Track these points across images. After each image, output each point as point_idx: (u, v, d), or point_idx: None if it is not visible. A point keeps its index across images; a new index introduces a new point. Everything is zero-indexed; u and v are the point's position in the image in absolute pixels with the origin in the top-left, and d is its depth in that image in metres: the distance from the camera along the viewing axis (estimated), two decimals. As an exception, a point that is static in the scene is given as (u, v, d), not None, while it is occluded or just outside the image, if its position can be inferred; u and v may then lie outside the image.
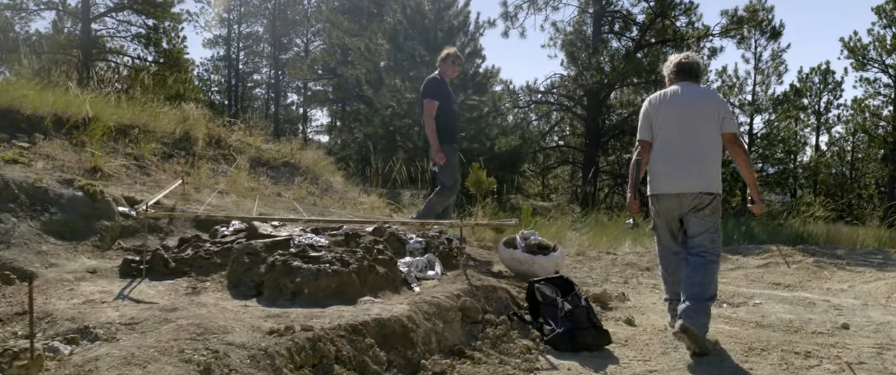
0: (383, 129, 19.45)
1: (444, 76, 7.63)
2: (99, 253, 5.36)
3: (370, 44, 20.62)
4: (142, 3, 26.48)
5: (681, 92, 4.64)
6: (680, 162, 4.51)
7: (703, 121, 4.54)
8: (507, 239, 5.91)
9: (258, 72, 54.34)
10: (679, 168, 4.51)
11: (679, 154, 4.52)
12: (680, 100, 4.60)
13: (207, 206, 7.12)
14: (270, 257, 4.59)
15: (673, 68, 4.82)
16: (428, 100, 7.26)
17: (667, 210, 4.65)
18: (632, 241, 11.60)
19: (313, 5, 48.70)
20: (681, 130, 4.53)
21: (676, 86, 4.71)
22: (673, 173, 4.53)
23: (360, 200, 10.41)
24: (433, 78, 7.53)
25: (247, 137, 10.68)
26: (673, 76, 4.81)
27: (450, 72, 7.70)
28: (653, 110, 4.66)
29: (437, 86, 7.44)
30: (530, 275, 5.54)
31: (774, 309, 5.72)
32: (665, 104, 4.63)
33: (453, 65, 7.67)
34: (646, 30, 25.66)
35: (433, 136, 7.16)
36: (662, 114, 4.60)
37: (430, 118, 7.20)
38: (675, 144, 4.54)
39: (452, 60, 7.63)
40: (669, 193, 4.56)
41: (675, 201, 4.56)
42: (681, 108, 4.57)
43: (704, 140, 4.53)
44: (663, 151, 4.59)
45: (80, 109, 8.85)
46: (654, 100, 4.71)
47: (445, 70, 7.63)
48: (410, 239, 5.98)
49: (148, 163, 8.56)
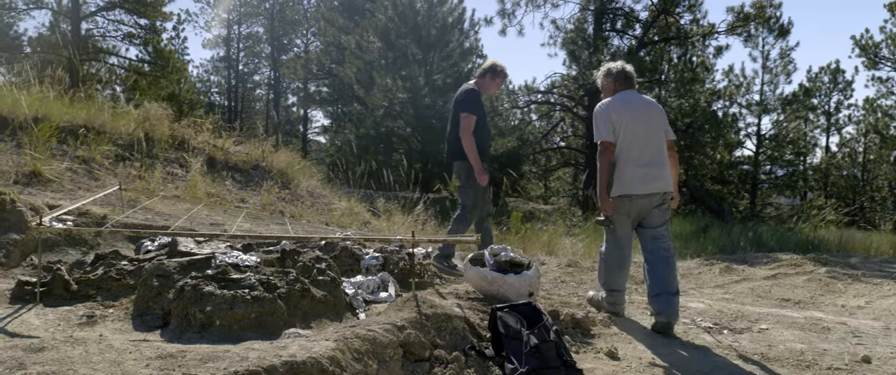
0: (375, 130, 18.75)
1: (484, 90, 6.56)
2: (0, 272, 4.65)
3: (361, 41, 19.93)
4: (132, 3, 25.83)
5: (635, 100, 5.03)
6: (650, 165, 4.90)
7: (658, 127, 5.01)
8: (473, 256, 5.17)
9: (258, 73, 53.73)
10: (650, 170, 4.89)
11: (647, 157, 4.89)
12: (639, 108, 4.98)
13: (152, 216, 6.41)
14: (182, 280, 3.87)
15: (616, 75, 5.11)
16: (466, 114, 6.23)
17: (638, 208, 4.97)
18: (630, 250, 10.87)
19: (312, 5, 48.03)
20: (645, 135, 4.91)
21: (626, 93, 5.06)
22: (646, 175, 4.88)
23: (334, 206, 9.68)
24: (472, 89, 6.44)
25: (214, 139, 9.97)
26: (617, 84, 5.09)
27: (491, 88, 6.64)
28: (615, 115, 4.89)
29: (477, 99, 6.39)
30: (499, 297, 4.79)
31: (783, 337, 4.96)
32: (626, 110, 4.91)
33: (494, 81, 6.56)
34: (649, 27, 24.85)
35: (474, 155, 6.21)
36: (626, 120, 4.88)
37: (469, 134, 6.18)
38: (642, 148, 4.89)
39: (493, 75, 6.53)
40: (643, 193, 4.90)
41: (647, 200, 4.93)
42: (641, 115, 4.94)
43: (661, 145, 5.01)
44: (632, 155, 4.89)
45: (27, 109, 8.18)
46: (615, 106, 4.95)
47: (486, 84, 6.56)
48: (366, 255, 5.25)
49: (97, 166, 7.86)
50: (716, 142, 24.88)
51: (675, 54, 25.00)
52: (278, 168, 10.06)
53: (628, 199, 4.94)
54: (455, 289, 5.18)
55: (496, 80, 6.59)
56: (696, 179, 24.86)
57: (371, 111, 19.81)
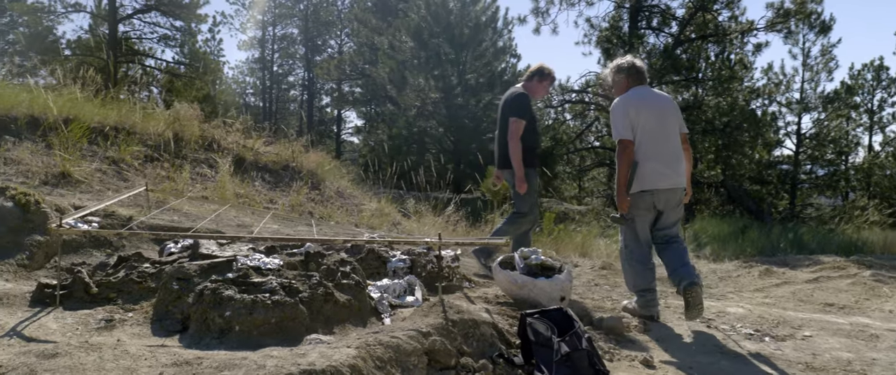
0: (407, 130, 18.65)
1: (532, 94, 6.42)
2: (24, 274, 4.59)
3: (393, 41, 19.83)
4: (168, 5, 26.07)
5: (650, 95, 5.01)
6: (671, 160, 4.92)
7: (673, 122, 5.02)
8: (503, 258, 5.00)
9: (293, 74, 53.98)
10: (672, 165, 4.92)
11: (668, 152, 4.91)
12: (655, 103, 4.97)
13: (179, 217, 6.35)
14: (202, 284, 3.77)
15: (628, 70, 5.08)
16: (515, 118, 6.09)
17: (663, 202, 4.96)
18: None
19: (346, 6, 48.13)
20: (663, 130, 4.91)
21: (640, 89, 5.04)
22: (669, 170, 4.90)
23: (364, 206, 9.57)
24: (522, 93, 6.30)
25: (244, 139, 9.92)
26: (629, 79, 5.07)
27: (539, 92, 6.51)
28: (633, 111, 4.85)
29: (526, 103, 6.25)
30: (530, 302, 4.64)
31: (828, 344, 4.72)
32: (644, 106, 4.89)
33: (542, 84, 6.41)
34: (685, 25, 24.38)
35: (519, 162, 6.05)
36: (644, 116, 4.85)
37: (517, 139, 6.05)
38: (661, 143, 4.89)
39: (541, 78, 6.38)
40: (665, 188, 4.90)
41: (669, 195, 4.95)
42: (657, 110, 4.93)
43: (678, 139, 5.04)
44: (652, 150, 4.86)
45: (58, 110, 8.20)
46: (632, 102, 4.91)
47: (534, 88, 6.41)
48: (393, 258, 5.11)
49: (127, 167, 7.85)
50: (754, 142, 24.36)
51: (713, 52, 24.52)
52: (308, 168, 9.98)
53: (650, 195, 4.93)
54: (484, 293, 5.04)
55: (544, 83, 6.41)
56: (734, 179, 24.37)
57: (403, 111, 19.72)
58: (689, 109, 23.51)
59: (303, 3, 49.81)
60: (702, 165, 25.68)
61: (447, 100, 18.98)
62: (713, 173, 25.07)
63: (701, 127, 23.22)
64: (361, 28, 29.48)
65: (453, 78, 19.28)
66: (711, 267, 9.41)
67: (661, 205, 4.98)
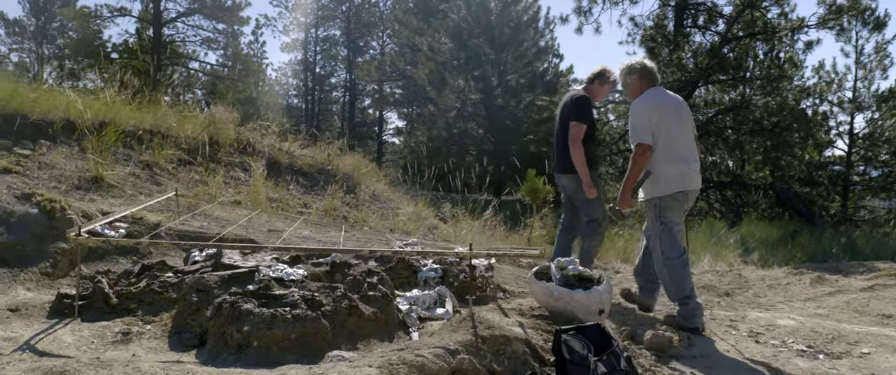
0: (447, 132, 18.46)
1: (593, 97, 6.10)
2: (47, 283, 4.51)
3: (433, 43, 19.65)
4: (211, 8, 26.30)
5: (667, 97, 4.97)
6: (693, 160, 4.94)
7: (690, 123, 5.03)
8: (539, 269, 4.77)
9: (335, 76, 54.20)
10: (695, 166, 4.95)
11: (691, 153, 4.92)
12: (673, 104, 4.94)
13: (208, 223, 6.25)
14: (221, 296, 3.61)
15: (640, 72, 5.00)
16: (576, 122, 5.82)
17: (689, 203, 4.97)
18: (712, 257, 10.24)
19: (388, 7, 48.18)
20: (683, 132, 4.89)
21: (655, 90, 4.97)
22: (693, 171, 4.91)
23: (401, 210, 9.40)
24: (583, 96, 6.00)
25: (280, 142, 9.83)
26: (643, 82, 4.98)
27: (600, 95, 6.21)
28: (655, 115, 4.79)
29: (588, 106, 5.97)
30: (566, 315, 4.39)
31: (889, 363, 4.40)
32: (664, 108, 4.85)
33: (603, 87, 6.09)
34: (733, 23, 23.75)
35: (584, 167, 5.78)
36: (666, 118, 4.81)
37: (578, 143, 5.78)
38: (684, 144, 4.88)
39: (602, 81, 6.05)
40: (695, 188, 4.95)
41: (694, 195, 5.00)
42: (676, 111, 4.91)
43: (693, 141, 5.05)
44: (679, 151, 4.84)
45: (94, 114, 8.19)
46: (653, 105, 4.86)
47: (595, 91, 6.10)
48: (424, 267, 4.92)
49: (160, 171, 7.79)
50: (805, 142, 23.62)
51: (761, 50, 23.81)
52: (344, 172, 9.85)
53: (683, 196, 4.90)
54: (519, 305, 4.81)
55: (604, 87, 6.10)
56: (783, 181, 23.64)
57: (443, 112, 19.54)
58: (737, 109, 22.92)
59: (345, 4, 49.97)
60: (749, 166, 25.03)
61: (487, 102, 18.73)
62: (761, 175, 24.39)
63: (748, 127, 22.61)
64: (402, 29, 29.38)
65: (493, 78, 19.04)
66: (760, 274, 9.02)
67: (687, 206, 5.00)
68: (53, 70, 29.34)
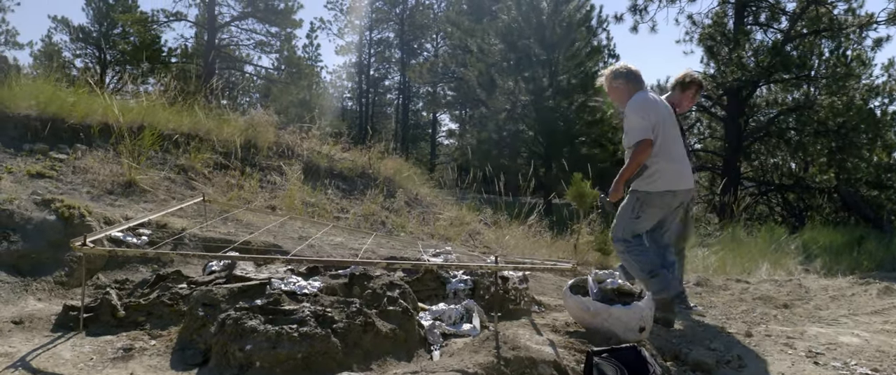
0: (497, 134, 18.14)
1: (678, 106, 5.61)
2: (60, 292, 4.35)
3: (482, 44, 19.33)
4: (264, 11, 26.50)
5: (657, 99, 5.01)
6: (685, 162, 5.07)
7: (677, 125, 5.15)
8: (575, 281, 4.43)
9: (389, 78, 54.36)
10: (688, 167, 5.09)
11: (682, 154, 5.05)
12: (664, 107, 5.02)
13: (235, 229, 6.07)
14: (227, 311, 3.38)
15: (627, 76, 5.01)
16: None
17: (679, 201, 5.05)
18: (771, 265, 9.68)
19: (442, 9, 48.04)
20: (675, 133, 5.00)
21: (644, 93, 4.96)
22: (687, 171, 5.04)
23: (443, 215, 9.12)
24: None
25: (320, 145, 9.65)
26: (630, 85, 4.99)
27: (685, 104, 5.77)
28: (653, 113, 4.82)
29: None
30: (603, 332, 4.05)
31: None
32: (660, 108, 4.91)
33: (686, 94, 5.68)
34: (796, 19, 22.84)
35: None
36: (663, 118, 4.86)
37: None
38: (677, 145, 4.99)
39: (686, 88, 5.67)
40: (687, 188, 5.02)
41: (687, 195, 5.11)
42: (668, 113, 4.99)
43: (683, 143, 5.19)
44: (672, 151, 4.91)
45: (133, 117, 8.12)
46: (650, 104, 4.89)
47: (680, 99, 5.68)
48: (453, 278, 4.62)
49: (196, 175, 7.66)
50: (873, 143, 22.57)
51: (827, 48, 22.84)
52: (386, 175, 9.62)
53: (672, 195, 4.97)
54: (554, 320, 4.47)
55: (688, 93, 5.68)
56: (849, 184, 22.63)
57: (493, 114, 19.21)
58: (800, 109, 22.04)
59: (399, 7, 50.03)
60: (813, 169, 24.07)
61: (538, 103, 18.31)
62: (826, 177, 23.39)
63: (813, 128, 21.73)
64: (454, 30, 29.14)
65: (544, 79, 18.64)
66: (822, 284, 8.46)
67: (677, 204, 5.08)
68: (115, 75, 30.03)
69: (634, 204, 4.97)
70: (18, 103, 7.69)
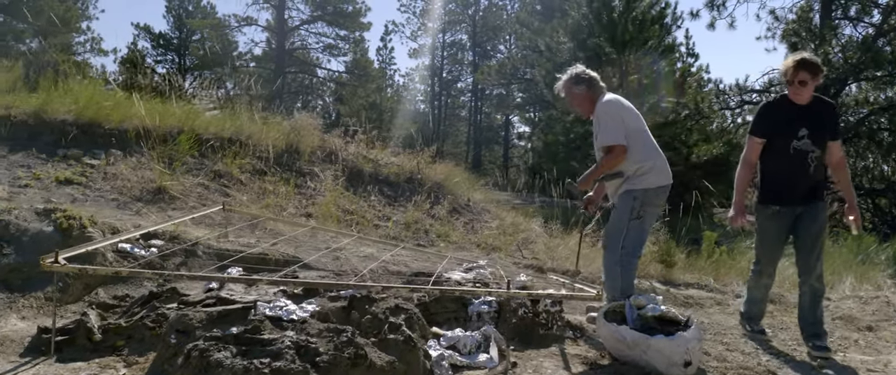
0: (565, 136, 17.50)
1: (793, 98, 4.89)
2: (48, 311, 4.04)
3: (551, 42, 18.70)
4: (333, 15, 26.54)
5: (623, 100, 4.90)
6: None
7: None
8: (611, 307, 3.87)
9: (461, 80, 54.01)
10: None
11: (660, 151, 4.90)
12: (632, 108, 4.88)
13: (255, 239, 5.72)
14: (198, 340, 2.98)
15: (589, 80, 4.89)
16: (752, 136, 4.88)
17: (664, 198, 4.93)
18: (856, 279, 8.79)
19: (514, 10, 47.43)
20: (647, 131, 4.86)
21: (609, 94, 4.88)
22: (667, 166, 4.84)
23: (493, 223, 8.61)
24: (765, 103, 5.06)
25: (367, 150, 9.28)
26: (591, 89, 4.87)
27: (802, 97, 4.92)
28: (626, 114, 4.76)
29: (759, 114, 4.89)
30: (642, 366, 3.49)
31: None
32: (630, 109, 4.83)
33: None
34: (890, 13, 21.37)
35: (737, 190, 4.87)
36: (634, 119, 4.77)
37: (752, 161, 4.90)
38: (653, 142, 4.86)
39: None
40: (669, 184, 4.85)
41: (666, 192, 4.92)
42: (637, 113, 4.86)
43: None
44: (653, 149, 4.81)
45: (172, 122, 7.93)
46: (621, 106, 4.81)
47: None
48: (475, 299, 4.12)
49: (231, 181, 7.38)
50: (976, 144, 20.98)
51: (924, 43, 21.37)
52: (435, 180, 9.17)
53: (664, 190, 4.85)
54: (587, 351, 3.92)
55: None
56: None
57: (561, 116, 18.57)
58: (893, 109, 20.61)
59: (471, 9, 49.66)
60: (903, 173, 22.53)
61: (607, 104, 17.57)
62: (922, 182, 21.85)
63: (907, 129, 20.33)
64: (524, 31, 28.57)
65: (614, 79, 17.86)
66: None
67: (663, 201, 4.98)
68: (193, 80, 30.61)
69: (633, 205, 4.70)
70: (57, 108, 7.58)
